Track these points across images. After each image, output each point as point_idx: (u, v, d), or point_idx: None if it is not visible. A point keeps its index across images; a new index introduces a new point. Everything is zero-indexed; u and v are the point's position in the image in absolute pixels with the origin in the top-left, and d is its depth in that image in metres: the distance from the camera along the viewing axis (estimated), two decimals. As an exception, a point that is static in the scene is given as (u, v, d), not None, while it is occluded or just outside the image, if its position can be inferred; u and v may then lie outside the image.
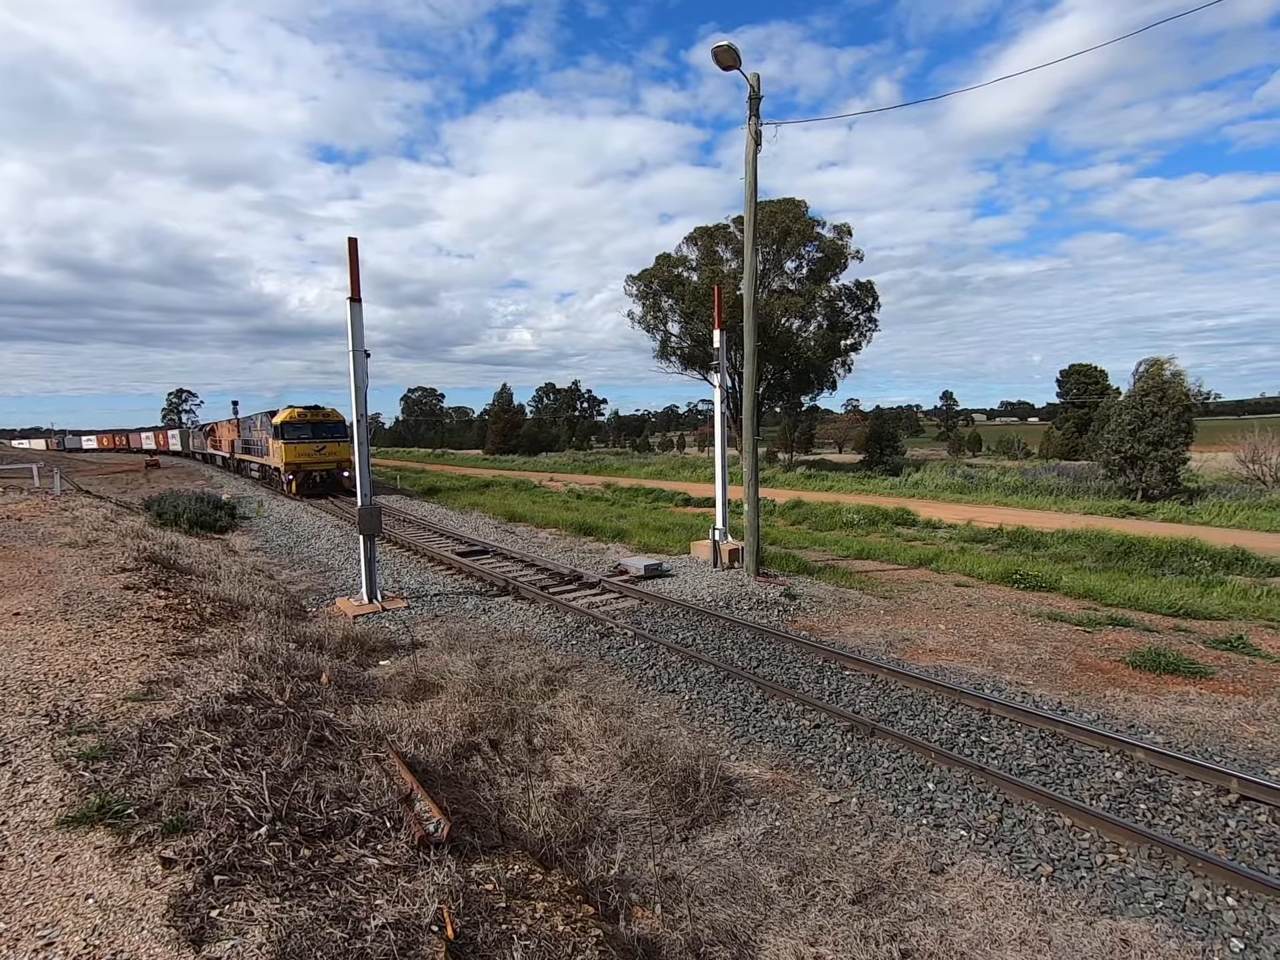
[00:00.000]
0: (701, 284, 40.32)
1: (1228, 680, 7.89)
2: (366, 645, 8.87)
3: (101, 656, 6.58)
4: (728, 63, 11.43)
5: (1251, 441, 27.50)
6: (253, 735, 5.03)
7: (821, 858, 4.74)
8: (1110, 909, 4.23)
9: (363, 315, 10.99)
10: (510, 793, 5.30)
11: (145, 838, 3.64)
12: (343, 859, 3.73)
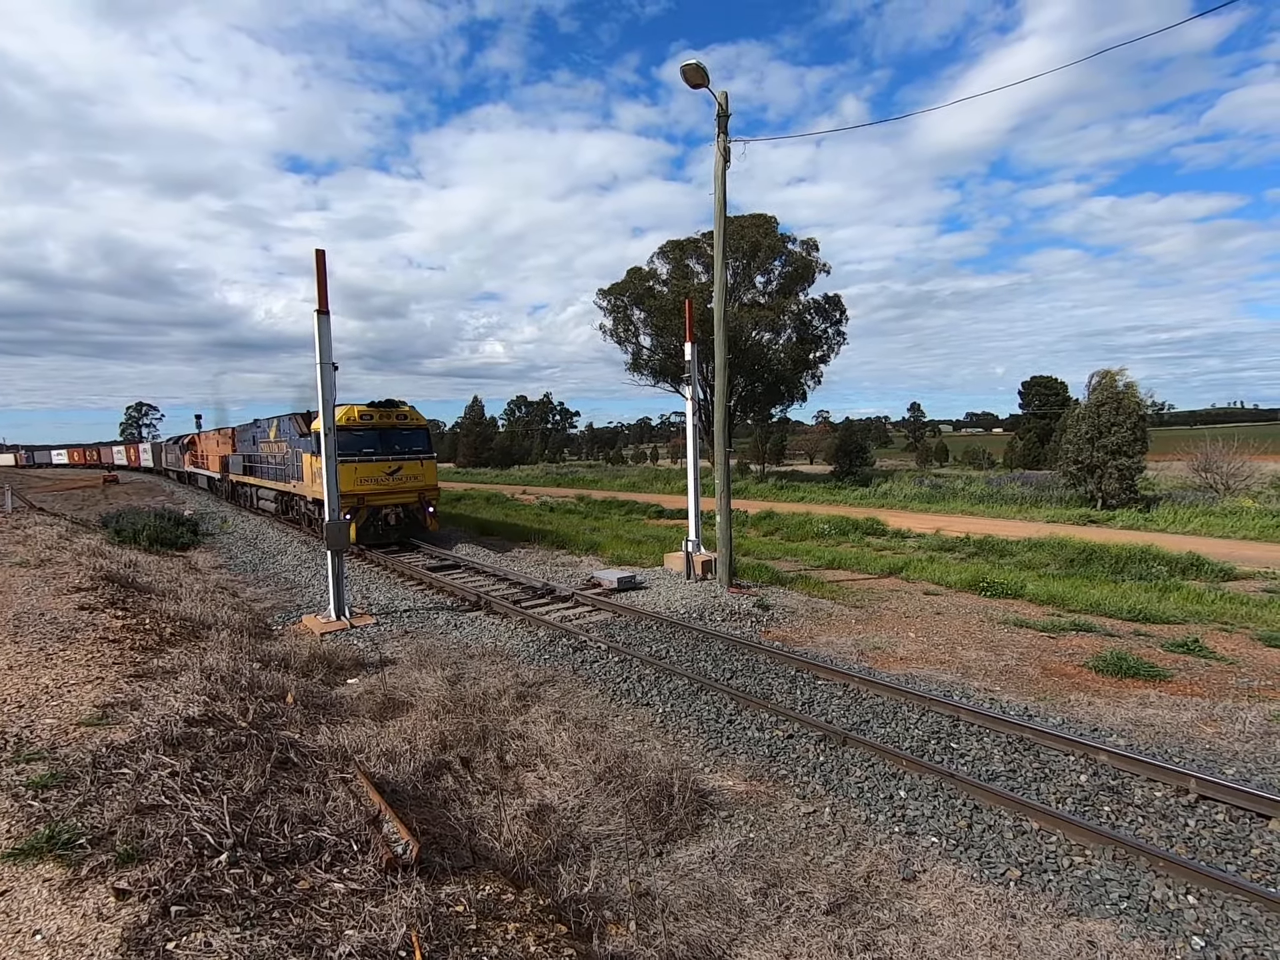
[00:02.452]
0: (672, 297, 40.66)
1: (1185, 682, 8.12)
2: (334, 663, 8.68)
3: (53, 680, 6.33)
4: (696, 81, 11.62)
5: (1204, 451, 28.52)
6: (214, 759, 4.87)
7: (796, 869, 4.74)
8: (1077, 911, 4.30)
9: (330, 328, 10.86)
10: (482, 811, 5.21)
11: (98, 869, 3.50)
12: (307, 885, 3.62)
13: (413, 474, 17.31)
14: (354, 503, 16.09)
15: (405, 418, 17.65)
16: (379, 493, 16.80)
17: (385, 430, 17.22)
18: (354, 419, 16.70)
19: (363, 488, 16.42)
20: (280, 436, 20.90)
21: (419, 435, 17.96)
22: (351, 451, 16.10)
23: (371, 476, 16.62)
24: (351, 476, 15.89)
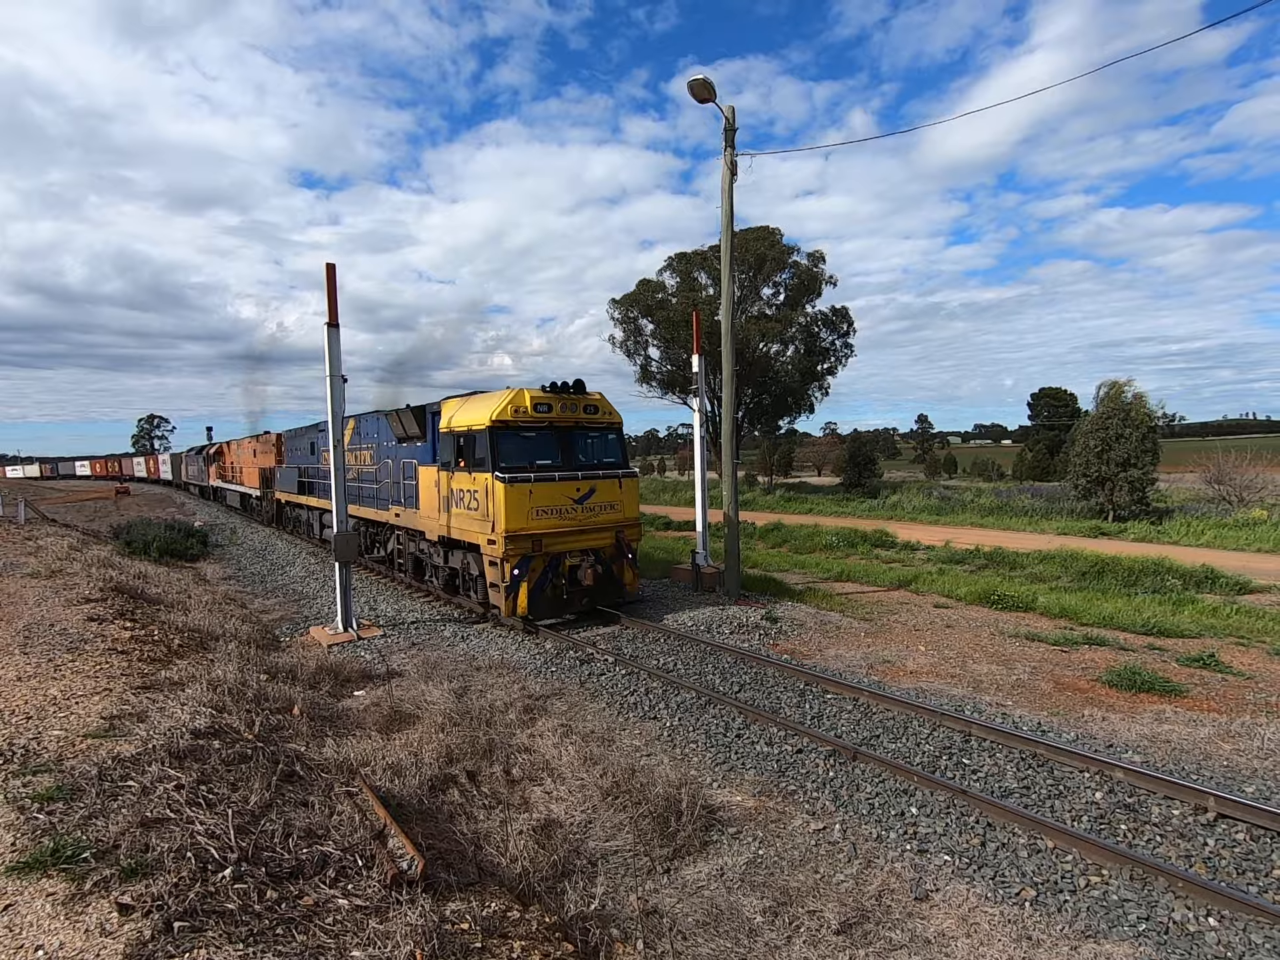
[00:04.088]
0: (681, 309, 40.83)
1: (1202, 698, 7.98)
2: (341, 675, 8.66)
3: (61, 691, 6.34)
4: (703, 96, 11.72)
5: (1216, 462, 28.25)
6: (219, 772, 4.85)
7: (805, 887, 4.66)
8: (1094, 933, 4.20)
9: (340, 340, 10.94)
10: (488, 826, 5.16)
11: (101, 883, 3.48)
12: (311, 900, 3.59)
13: (608, 501, 11.06)
14: (525, 548, 10.02)
15: (595, 410, 11.34)
16: (563, 532, 10.53)
17: (567, 430, 11.03)
18: (523, 410, 10.46)
19: (539, 524, 10.23)
20: (363, 442, 15.86)
21: (611, 439, 11.79)
22: (518, 463, 10.34)
23: (552, 505, 10.41)
24: (521, 505, 10.03)
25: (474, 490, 10.58)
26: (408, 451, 13.36)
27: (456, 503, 11.12)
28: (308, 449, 20.27)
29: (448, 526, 11.50)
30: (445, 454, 11.51)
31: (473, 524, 10.70)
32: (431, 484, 12.02)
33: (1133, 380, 25.92)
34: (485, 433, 10.44)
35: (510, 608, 10.32)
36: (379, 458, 15.00)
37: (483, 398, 11.34)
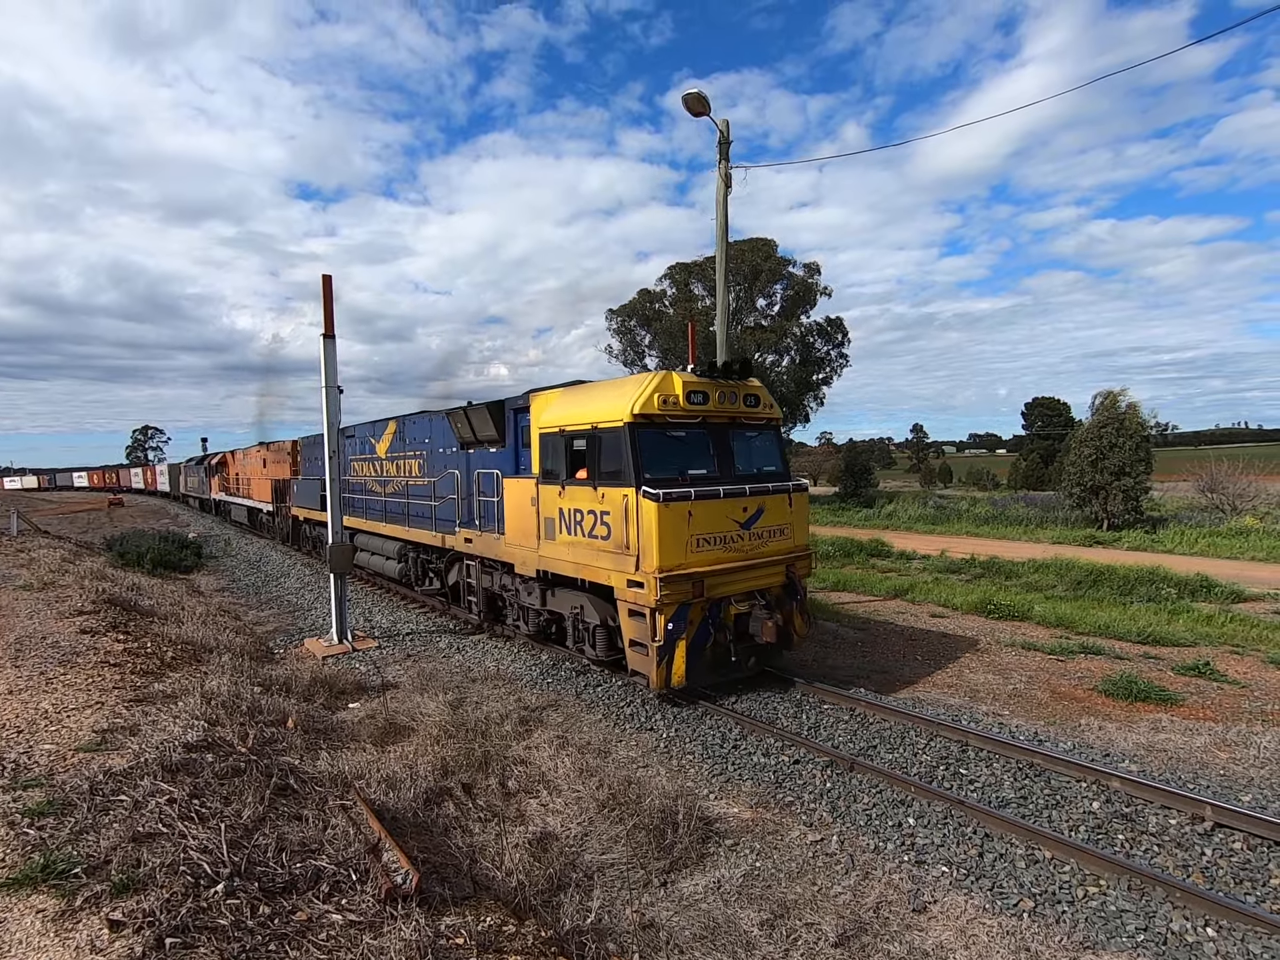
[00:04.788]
0: (679, 319, 41.02)
1: (1198, 706, 7.99)
2: (335, 687, 8.61)
3: (53, 705, 6.29)
4: (698, 109, 11.84)
5: (1209, 471, 28.41)
6: (212, 785, 4.81)
7: (803, 899, 4.63)
8: (1093, 944, 4.18)
9: (336, 351, 10.95)
10: (483, 839, 5.12)
11: (92, 899, 3.44)
12: (305, 916, 3.55)
13: (778, 524, 8.31)
14: (683, 593, 7.26)
15: (756, 402, 8.57)
16: (730, 568, 7.72)
17: (722, 428, 8.22)
18: (673, 401, 7.69)
19: (700, 558, 7.47)
20: (408, 449, 13.39)
21: (771, 441, 9.00)
22: (665, 474, 7.55)
23: (715, 532, 7.62)
24: (679, 532, 7.29)
25: (600, 511, 7.72)
26: (479, 459, 10.88)
27: (568, 528, 8.27)
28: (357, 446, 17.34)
29: (552, 559, 8.64)
30: (549, 462, 8.67)
31: (598, 557, 7.80)
32: (524, 502, 9.12)
33: (1126, 390, 26.11)
34: (623, 432, 7.47)
35: (662, 676, 7.20)
36: (434, 467, 12.34)
37: (605, 386, 8.54)
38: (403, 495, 13.55)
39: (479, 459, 10.93)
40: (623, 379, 8.58)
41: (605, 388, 8.52)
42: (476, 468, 10.84)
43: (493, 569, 10.62)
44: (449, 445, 11.84)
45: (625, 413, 7.55)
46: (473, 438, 11.03)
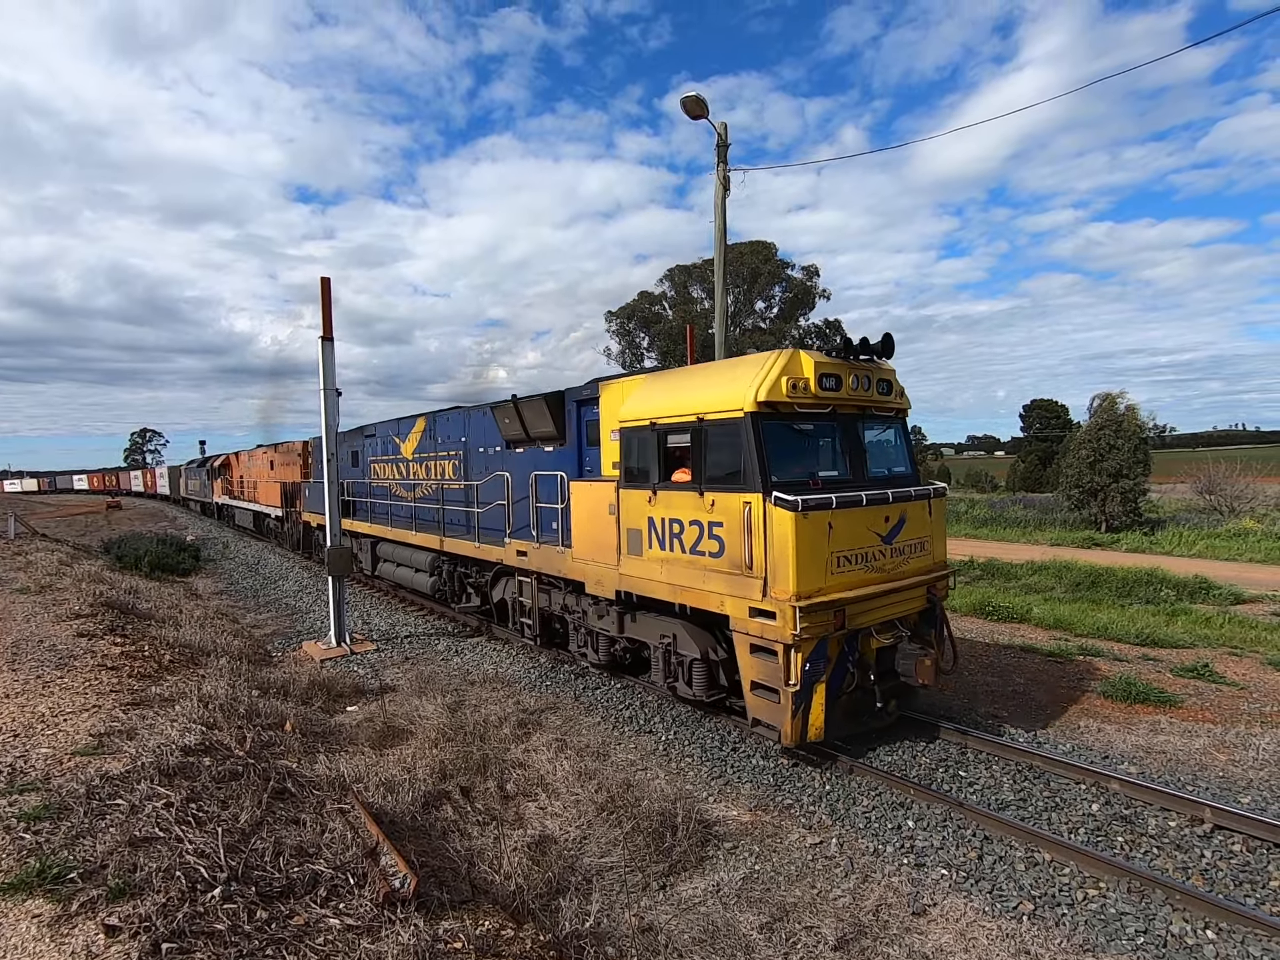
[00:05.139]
0: (678, 322, 41.08)
1: (1196, 708, 7.99)
2: (333, 690, 8.59)
3: (50, 708, 6.27)
4: (696, 112, 11.86)
5: (1207, 473, 28.45)
6: (209, 789, 4.80)
7: (802, 902, 4.62)
8: (1092, 946, 4.17)
9: (334, 354, 10.95)
10: (481, 843, 5.11)
11: (88, 904, 3.42)
12: (302, 920, 3.54)
13: (919, 537, 7.04)
14: (824, 625, 5.95)
15: (888, 389, 7.27)
16: (874, 593, 6.41)
17: (851, 420, 6.95)
18: (803, 386, 6.38)
19: (840, 581, 6.19)
20: (440, 449, 12.33)
21: (898, 436, 7.68)
22: (794, 477, 6.35)
23: (856, 548, 6.35)
24: (818, 549, 6.00)
25: (709, 522, 6.38)
26: (530, 460, 9.72)
27: (661, 541, 6.94)
28: (347, 459, 16.60)
29: (637, 578, 7.28)
30: (634, 462, 7.28)
31: (705, 578, 6.46)
32: (598, 510, 7.74)
33: (1124, 392, 26.15)
34: (742, 424, 6.14)
35: (797, 729, 5.84)
36: (472, 469, 11.36)
37: (710, 370, 7.14)
38: (434, 500, 12.35)
39: (530, 459, 9.78)
40: (733, 360, 7.16)
41: (711, 371, 7.14)
42: (530, 469, 9.48)
43: (552, 587, 9.26)
44: (491, 444, 10.82)
45: (746, 400, 6.13)
46: (522, 435, 9.84)
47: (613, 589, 7.71)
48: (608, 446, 7.98)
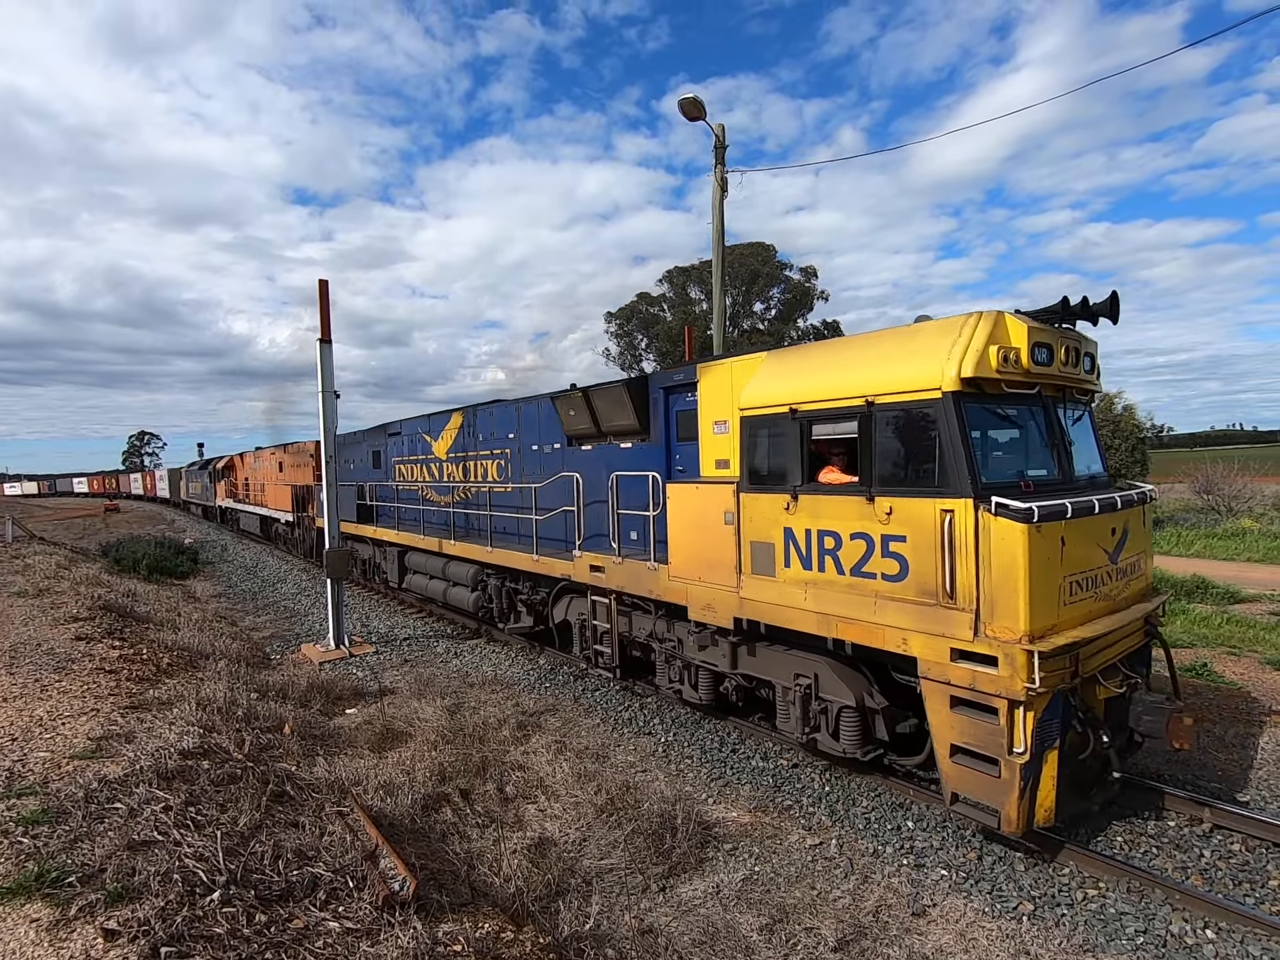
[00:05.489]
0: (675, 323, 41.11)
1: (1196, 708, 7.99)
2: (332, 693, 8.58)
3: (48, 712, 6.26)
4: (694, 114, 11.88)
5: (1205, 473, 28.49)
6: (208, 793, 4.79)
7: (802, 904, 4.62)
8: (1092, 946, 4.18)
9: (333, 356, 10.95)
10: (481, 845, 5.11)
11: (87, 908, 3.42)
12: (301, 923, 3.53)
13: (1139, 551, 5.83)
14: (1058, 673, 4.59)
15: (1091, 365, 5.88)
16: (1111, 624, 5.03)
17: (1054, 403, 5.58)
18: (1014, 359, 4.89)
19: (1073, 614, 4.81)
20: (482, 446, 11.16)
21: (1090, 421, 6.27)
22: (1003, 474, 5.41)
23: (1086, 570, 4.98)
24: (1050, 573, 4.61)
25: (884, 535, 5.10)
26: (602, 458, 8.50)
27: (805, 558, 5.66)
28: (367, 460, 15.54)
29: (767, 604, 6.00)
30: (763, 459, 6.07)
31: (876, 607, 5.18)
32: (709, 519, 6.49)
33: (1123, 392, 26.22)
34: (940, 407, 4.88)
35: (1023, 812, 4.59)
36: (525, 470, 10.09)
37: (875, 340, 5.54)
38: (475, 505, 11.25)
39: (602, 458, 8.48)
40: (907, 327, 5.43)
41: (877, 342, 5.49)
42: (604, 469, 8.22)
43: (635, 609, 7.96)
44: (549, 441, 9.57)
45: (944, 376, 4.82)
46: (591, 429, 8.56)
47: (728, 616, 6.36)
48: (710, 441, 6.71)
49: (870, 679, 5.77)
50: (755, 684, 6.74)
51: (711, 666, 6.97)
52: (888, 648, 5.18)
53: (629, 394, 7.89)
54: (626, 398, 7.91)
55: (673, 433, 7.68)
